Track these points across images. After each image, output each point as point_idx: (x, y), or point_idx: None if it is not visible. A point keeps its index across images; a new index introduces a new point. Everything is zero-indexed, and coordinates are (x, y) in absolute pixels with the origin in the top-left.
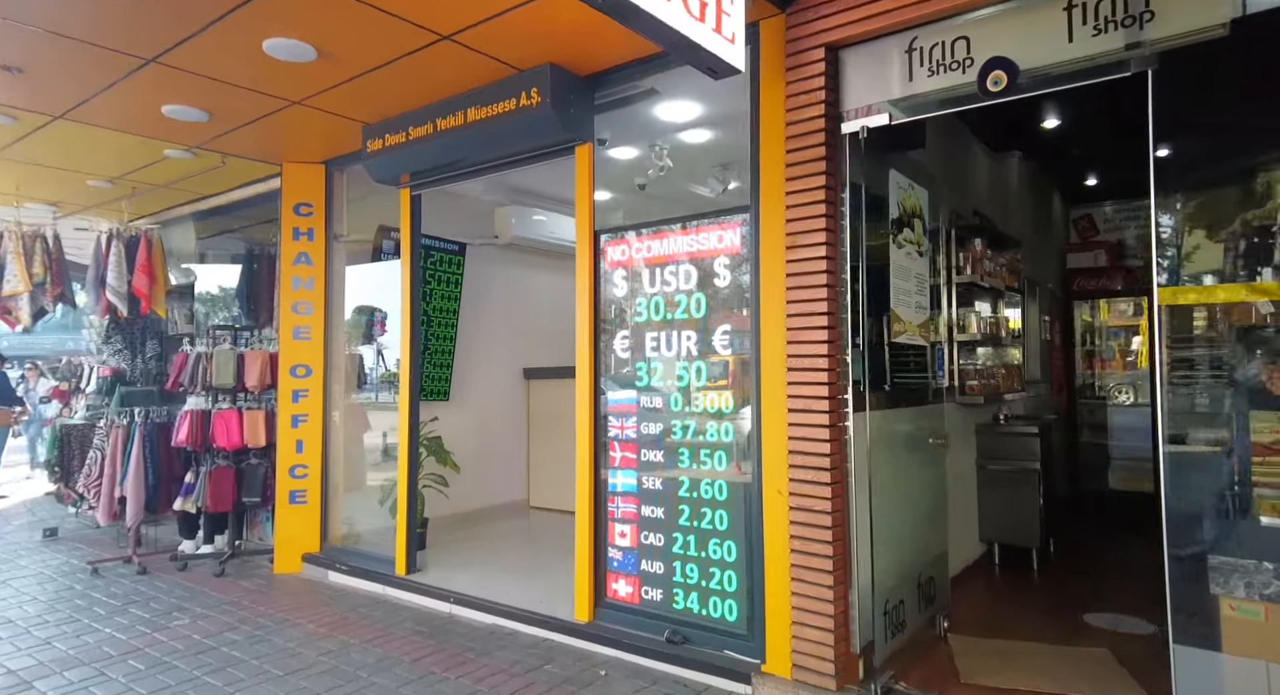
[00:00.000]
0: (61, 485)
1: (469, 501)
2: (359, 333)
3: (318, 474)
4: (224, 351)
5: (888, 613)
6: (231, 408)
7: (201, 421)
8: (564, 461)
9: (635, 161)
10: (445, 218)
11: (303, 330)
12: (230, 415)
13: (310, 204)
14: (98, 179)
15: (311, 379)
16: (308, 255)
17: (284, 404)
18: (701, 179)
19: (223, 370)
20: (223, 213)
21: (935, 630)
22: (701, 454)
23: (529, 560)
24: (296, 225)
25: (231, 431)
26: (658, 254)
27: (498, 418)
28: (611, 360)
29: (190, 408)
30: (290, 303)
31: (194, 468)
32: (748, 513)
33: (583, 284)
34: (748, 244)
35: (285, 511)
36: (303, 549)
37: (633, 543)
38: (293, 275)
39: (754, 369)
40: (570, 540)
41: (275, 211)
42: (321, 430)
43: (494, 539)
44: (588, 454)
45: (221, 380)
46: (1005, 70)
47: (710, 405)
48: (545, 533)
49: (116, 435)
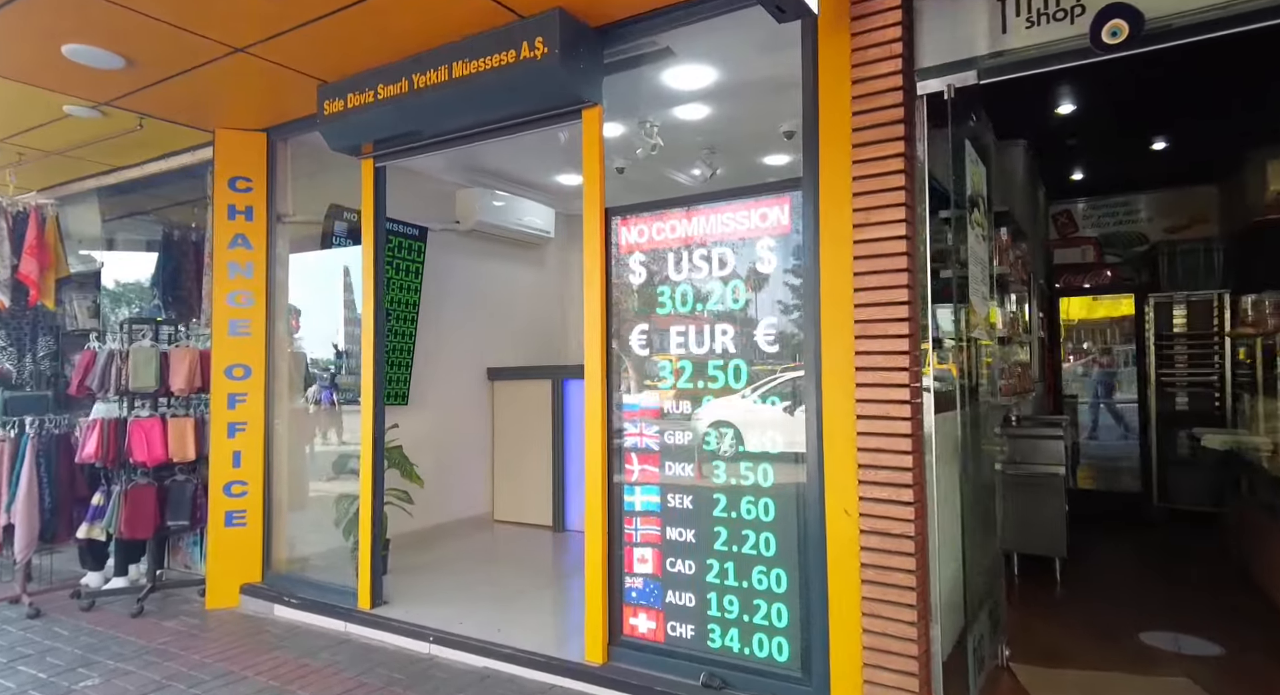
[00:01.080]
0: None
1: (428, 517)
2: None
3: (259, 491)
4: (144, 349)
5: (976, 648)
6: (153, 415)
7: (114, 432)
8: (531, 471)
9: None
10: (400, 198)
11: (241, 324)
12: (152, 424)
13: (249, 178)
14: None
15: (251, 381)
16: (246, 237)
17: (218, 410)
18: (712, 156)
19: (142, 371)
20: (137, 189)
21: (998, 660)
22: (742, 468)
23: (509, 585)
24: (232, 202)
25: (153, 443)
26: (683, 235)
27: (459, 423)
28: (628, 359)
29: (100, 416)
30: (225, 293)
31: (104, 487)
32: (802, 536)
33: (593, 271)
34: (802, 223)
35: (220, 535)
36: (241, 578)
37: (656, 570)
38: (228, 260)
39: (812, 368)
40: (551, 560)
41: (203, 189)
42: (263, 440)
43: (462, 559)
44: (600, 467)
45: (141, 383)
46: (1127, 18)
47: (752, 410)
48: (518, 551)
49: (1, 450)
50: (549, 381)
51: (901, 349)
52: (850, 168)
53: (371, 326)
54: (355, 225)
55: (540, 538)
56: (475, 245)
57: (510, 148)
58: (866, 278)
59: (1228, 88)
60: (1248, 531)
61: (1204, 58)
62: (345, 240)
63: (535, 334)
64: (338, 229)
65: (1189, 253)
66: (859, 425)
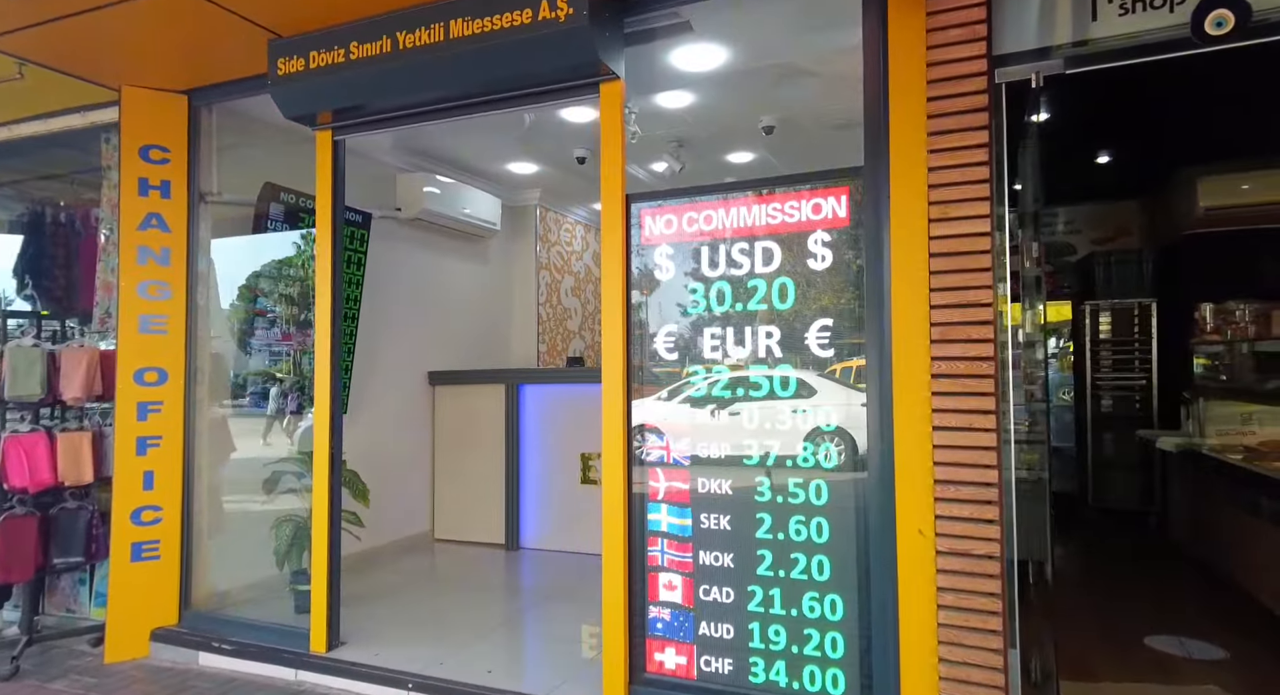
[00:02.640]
0: None
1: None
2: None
3: (176, 516)
4: (25, 349)
5: (1041, 666)
6: (35, 429)
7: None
8: (479, 485)
9: None
10: None
11: (155, 321)
12: (35, 440)
13: (166, 148)
14: None
15: (167, 387)
16: (162, 218)
17: (125, 422)
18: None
19: (23, 376)
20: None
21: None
22: (790, 485)
23: (481, 614)
24: (144, 175)
25: (37, 464)
26: (720, 227)
27: (395, 433)
28: (655, 364)
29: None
30: (135, 283)
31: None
32: (864, 558)
33: (612, 265)
34: (865, 215)
35: (125, 572)
36: (152, 622)
37: (686, 600)
38: (139, 244)
39: (877, 374)
40: (517, 582)
41: (84, 160)
42: (182, 457)
43: (414, 586)
44: (620, 485)
45: (21, 390)
46: (1233, 9)
47: (803, 421)
48: (475, 574)
49: None
50: (502, 386)
51: (986, 355)
52: (925, 157)
53: (328, 325)
54: (294, 208)
55: (493, 558)
56: (416, 236)
57: (459, 130)
58: (946, 276)
59: (1160, 109)
60: (1221, 532)
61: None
62: (282, 225)
63: (478, 335)
64: (273, 212)
65: (1121, 263)
66: (936, 438)
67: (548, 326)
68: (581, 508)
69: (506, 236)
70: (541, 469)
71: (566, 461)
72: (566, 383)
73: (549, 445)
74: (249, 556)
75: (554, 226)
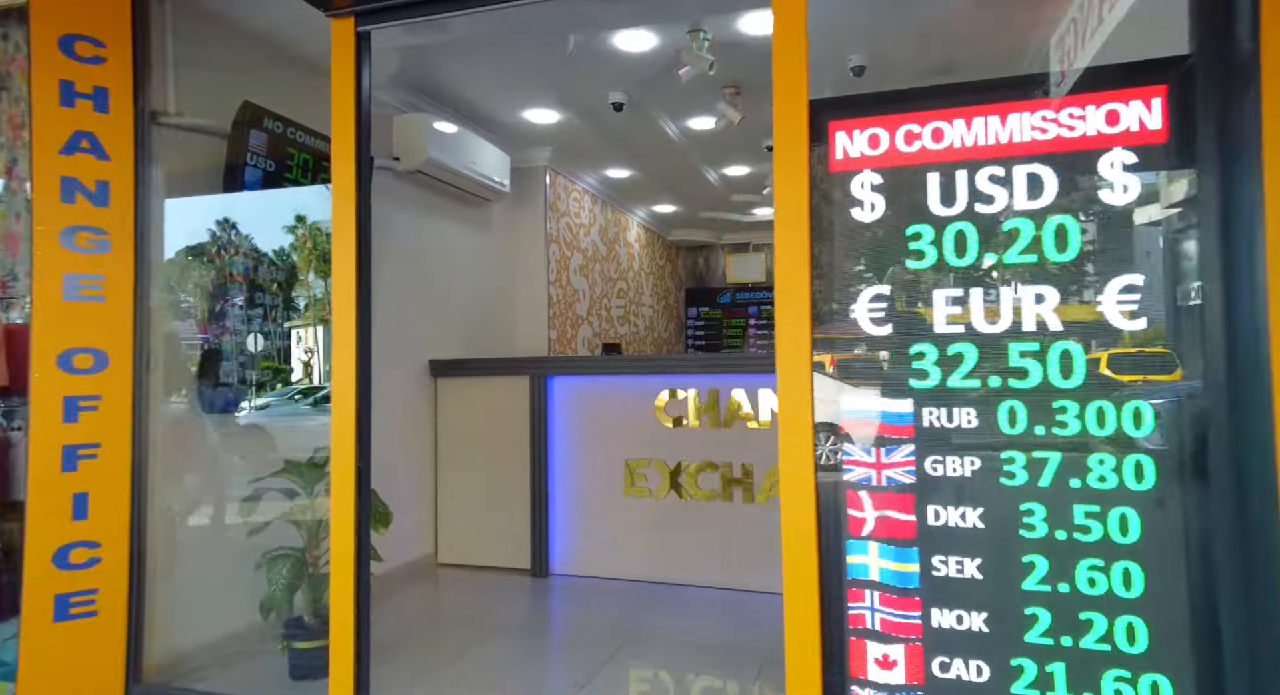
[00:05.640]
0: None
1: None
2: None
3: (122, 556)
4: None
5: None
6: None
7: None
8: (497, 498)
9: None
10: (320, 115)
11: (87, 283)
12: None
13: (100, 41)
14: None
15: (106, 375)
16: (96, 139)
17: (44, 425)
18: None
19: None
20: None
21: None
22: (1076, 514)
23: (548, 671)
24: (68, 77)
25: None
26: (957, 145)
27: (395, 433)
28: (855, 340)
29: None
30: (56, 230)
31: None
32: (1208, 623)
33: (790, 201)
34: (1198, 129)
35: (44, 636)
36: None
37: (912, 676)
38: (62, 174)
39: (1255, 354)
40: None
41: None
42: (130, 472)
43: (432, 630)
44: (806, 512)
45: None
46: None
47: (1100, 421)
48: (504, 609)
49: None
50: (525, 378)
51: None
52: None
53: (352, 294)
54: (281, 142)
55: (518, 587)
56: (412, 193)
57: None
58: None
59: None
60: None
61: None
62: (264, 161)
63: (479, 318)
64: (254, 142)
65: None
66: None
67: (558, 310)
68: (626, 524)
69: (511, 202)
70: (576, 478)
71: (606, 469)
72: (604, 374)
73: (585, 449)
74: (217, 600)
75: (563, 194)
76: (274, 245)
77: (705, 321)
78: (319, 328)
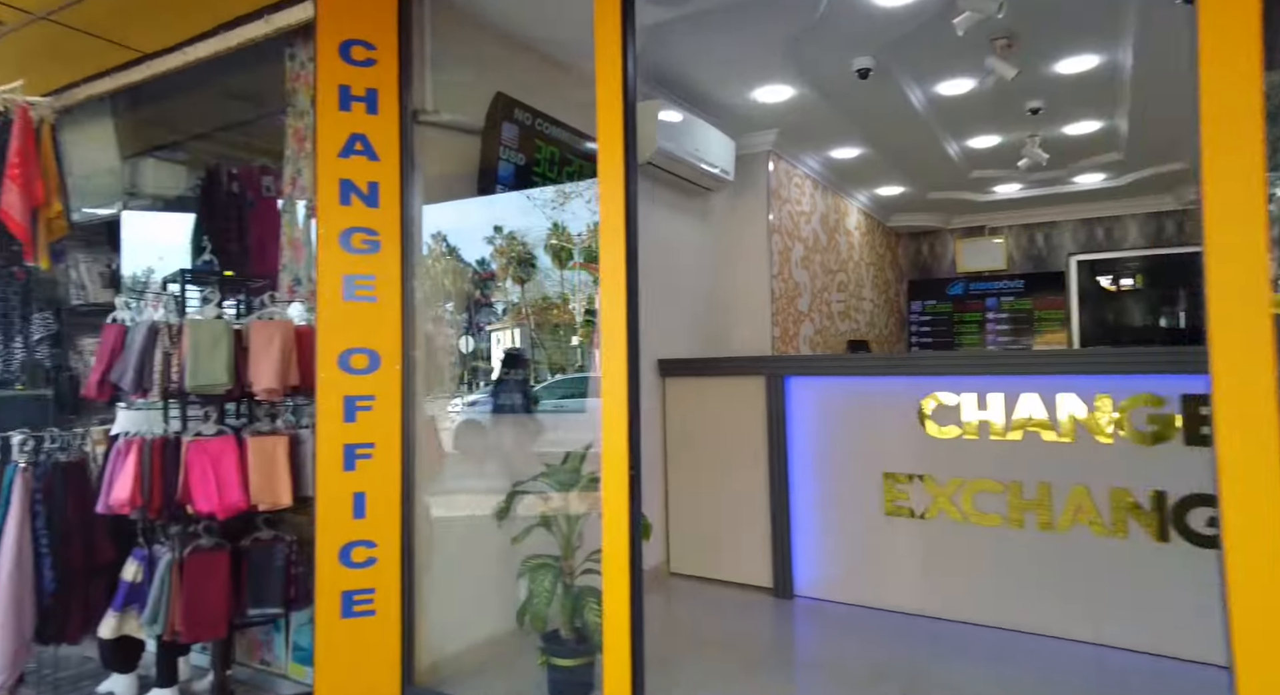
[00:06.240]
0: None
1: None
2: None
3: (394, 556)
4: (207, 322)
5: None
6: (222, 432)
7: (160, 461)
8: (727, 506)
9: None
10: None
11: (361, 284)
12: (222, 448)
13: (371, 44)
14: None
15: (379, 375)
16: (368, 141)
17: (328, 424)
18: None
19: (206, 358)
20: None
21: None
22: None
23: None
24: (345, 81)
25: (226, 479)
26: None
27: None
28: None
29: (132, 431)
30: (336, 231)
31: (140, 550)
32: None
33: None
34: None
35: (333, 631)
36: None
37: None
38: (341, 176)
39: None
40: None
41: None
42: (400, 472)
43: (683, 641)
44: None
45: (206, 377)
46: None
47: None
48: (759, 635)
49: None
50: (760, 379)
51: None
52: None
53: (622, 277)
54: (530, 134)
55: (762, 608)
56: (644, 187)
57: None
58: None
59: None
60: None
61: None
62: (515, 155)
63: (700, 315)
64: (506, 134)
65: None
66: None
67: (780, 305)
68: (887, 547)
69: (732, 191)
70: (822, 491)
71: (859, 482)
72: (853, 375)
73: (832, 459)
74: (472, 603)
75: (785, 180)
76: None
77: (932, 316)
78: (516, 331)
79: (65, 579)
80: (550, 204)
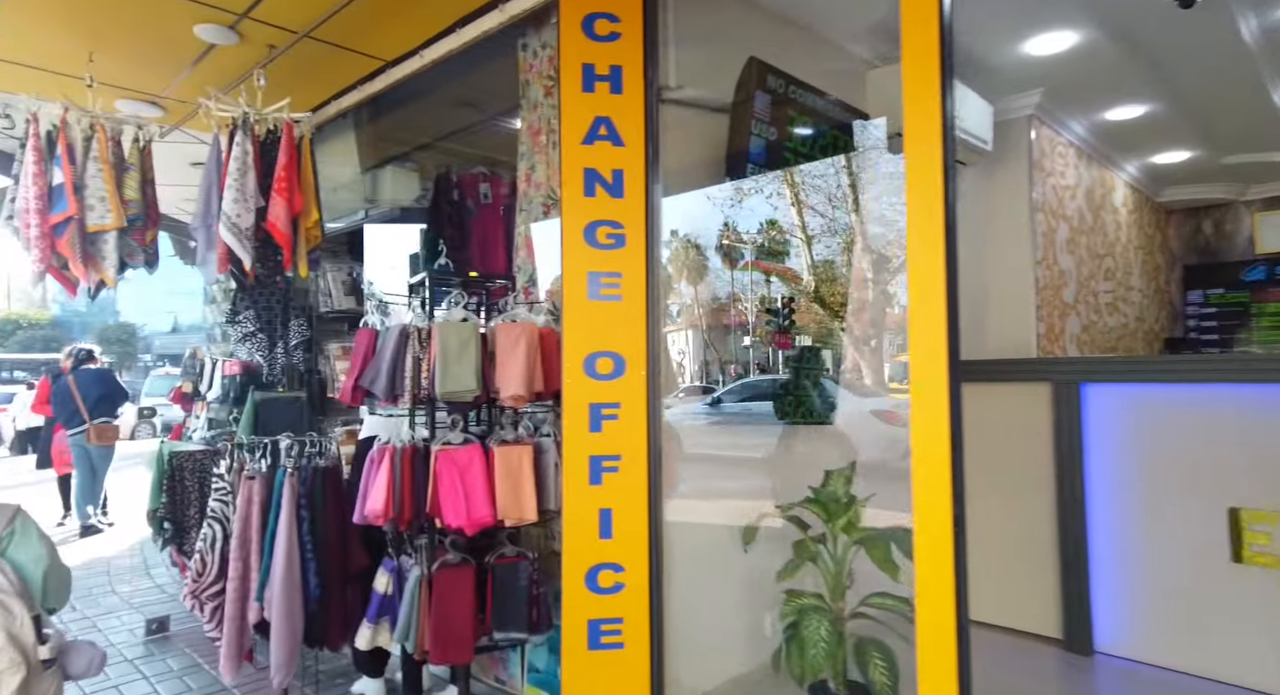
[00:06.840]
0: (173, 549)
1: None
2: None
3: (642, 581)
4: (455, 325)
5: None
6: (469, 441)
7: (409, 470)
8: (992, 538)
9: None
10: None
11: (606, 281)
12: (470, 458)
13: (615, 15)
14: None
15: (625, 381)
16: (613, 125)
17: (575, 433)
18: None
19: (455, 363)
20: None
21: None
22: None
23: None
24: (589, 59)
25: (474, 492)
26: None
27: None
28: None
29: (382, 438)
30: (581, 223)
31: (389, 561)
32: None
33: None
34: None
35: (580, 662)
36: None
37: None
38: (585, 165)
39: None
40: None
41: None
42: (647, 486)
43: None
44: None
45: (454, 385)
46: None
47: None
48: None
49: (250, 493)
50: (1045, 385)
51: None
52: None
53: (942, 260)
54: (783, 103)
55: (1055, 665)
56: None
57: None
58: None
59: None
60: None
61: None
62: (767, 129)
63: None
64: (758, 106)
65: None
66: None
67: (1045, 297)
68: (1238, 604)
69: (987, 163)
70: (1134, 526)
71: (1192, 519)
72: (1176, 381)
73: (1149, 488)
74: (717, 637)
75: (1048, 149)
76: None
77: (1218, 307)
78: (690, 332)
79: (327, 584)
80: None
